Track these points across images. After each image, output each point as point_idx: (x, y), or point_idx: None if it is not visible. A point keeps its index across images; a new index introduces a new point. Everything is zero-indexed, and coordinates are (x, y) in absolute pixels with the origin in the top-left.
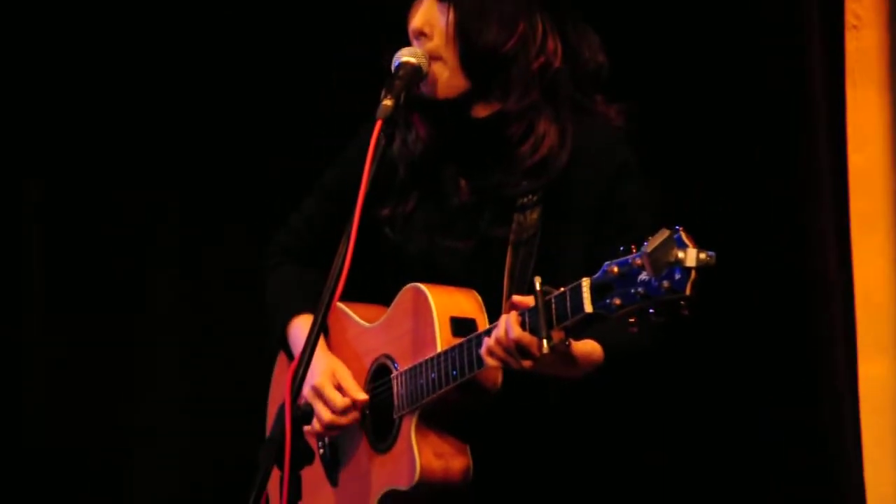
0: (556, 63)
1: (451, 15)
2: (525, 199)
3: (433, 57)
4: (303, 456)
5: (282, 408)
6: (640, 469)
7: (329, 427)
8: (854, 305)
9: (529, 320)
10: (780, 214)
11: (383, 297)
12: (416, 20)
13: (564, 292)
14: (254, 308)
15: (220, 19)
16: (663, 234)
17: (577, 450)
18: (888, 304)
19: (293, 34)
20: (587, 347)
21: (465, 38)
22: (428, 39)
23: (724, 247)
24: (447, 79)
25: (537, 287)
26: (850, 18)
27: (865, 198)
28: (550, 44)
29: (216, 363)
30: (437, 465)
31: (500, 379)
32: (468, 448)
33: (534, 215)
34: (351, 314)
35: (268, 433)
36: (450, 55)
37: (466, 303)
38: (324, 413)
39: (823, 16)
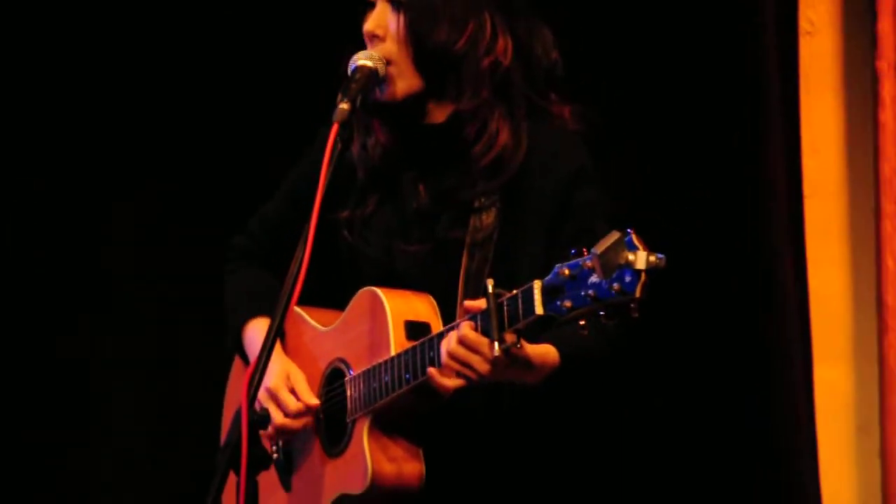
0: (506, 61)
1: (402, 17)
2: (481, 202)
3: (387, 59)
4: (259, 461)
5: (238, 413)
6: (597, 472)
7: (281, 430)
8: (809, 311)
9: (482, 323)
10: (737, 219)
11: (340, 300)
12: (369, 23)
13: (516, 295)
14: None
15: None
16: (613, 236)
17: (531, 454)
18: (843, 309)
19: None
20: (542, 350)
21: (417, 39)
22: (381, 41)
23: (681, 252)
24: (402, 80)
25: (489, 289)
26: (804, 24)
27: (820, 204)
28: (500, 42)
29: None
30: (389, 469)
31: None
32: (421, 452)
33: (490, 218)
34: (307, 318)
35: (223, 438)
36: (402, 57)
37: (422, 307)
38: (277, 416)
39: (778, 21)
